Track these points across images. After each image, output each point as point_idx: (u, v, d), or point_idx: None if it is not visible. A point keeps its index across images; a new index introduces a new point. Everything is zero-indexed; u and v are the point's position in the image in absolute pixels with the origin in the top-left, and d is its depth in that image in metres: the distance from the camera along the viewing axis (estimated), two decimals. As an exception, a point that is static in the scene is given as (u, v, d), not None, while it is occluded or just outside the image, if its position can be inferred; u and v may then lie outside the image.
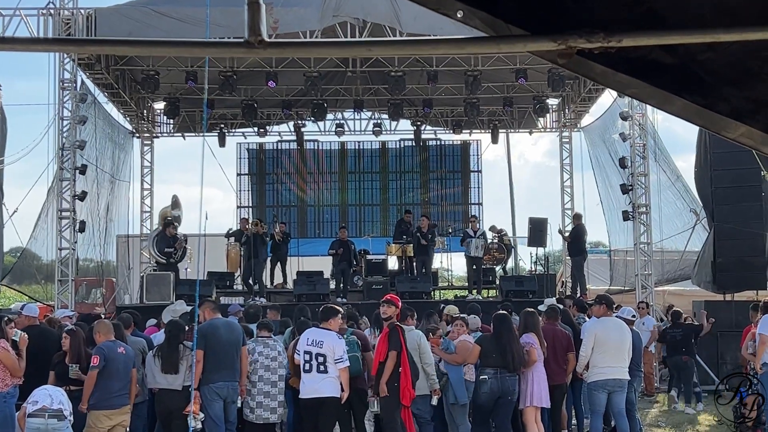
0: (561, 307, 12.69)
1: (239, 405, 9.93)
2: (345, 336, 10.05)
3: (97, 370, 8.75)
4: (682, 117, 1.73)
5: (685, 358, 14.82)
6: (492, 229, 21.71)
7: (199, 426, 9.24)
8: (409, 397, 9.34)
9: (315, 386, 9.33)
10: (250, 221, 20.48)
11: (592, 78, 1.69)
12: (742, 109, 1.69)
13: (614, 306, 11.78)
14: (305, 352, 9.37)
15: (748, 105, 1.69)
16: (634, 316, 12.10)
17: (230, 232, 20.51)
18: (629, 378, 10.69)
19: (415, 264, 19.56)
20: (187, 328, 10.03)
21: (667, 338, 15.05)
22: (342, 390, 9.42)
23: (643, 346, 12.83)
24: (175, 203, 21.30)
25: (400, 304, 9.76)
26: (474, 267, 19.82)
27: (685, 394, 14.74)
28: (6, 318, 9.58)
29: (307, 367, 9.35)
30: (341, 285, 19.11)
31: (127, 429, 9.29)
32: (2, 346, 8.93)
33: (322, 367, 9.30)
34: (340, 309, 10.08)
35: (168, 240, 18.79)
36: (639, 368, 12.02)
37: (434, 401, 10.05)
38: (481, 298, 18.98)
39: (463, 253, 20.22)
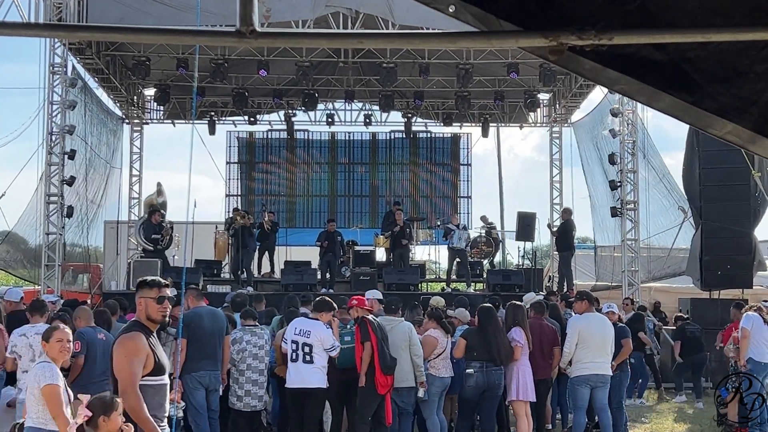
0: (545, 300, 12.69)
1: (221, 393, 9.90)
2: (348, 327, 10.05)
3: (82, 356, 8.71)
4: (669, 114, 1.74)
5: (705, 354, 14.96)
6: (483, 219, 21.71)
7: (180, 414, 9.21)
8: (383, 385, 9.34)
9: (301, 376, 9.31)
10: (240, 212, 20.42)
11: (581, 74, 1.70)
12: (729, 107, 1.70)
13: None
14: (292, 342, 9.35)
15: (736, 103, 1.70)
16: (614, 312, 11.93)
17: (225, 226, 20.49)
18: (611, 373, 10.71)
19: (393, 258, 19.55)
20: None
21: (687, 335, 15.03)
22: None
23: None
24: (160, 191, 21.26)
25: (355, 302, 9.79)
26: (458, 260, 19.79)
27: (695, 390, 14.80)
28: None
29: (293, 356, 9.34)
30: (327, 276, 19.11)
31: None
32: None
33: (308, 357, 9.28)
34: (334, 305, 10.03)
35: (154, 227, 18.73)
36: (626, 362, 12.03)
37: (420, 393, 10.04)
38: (473, 291, 18.98)
39: (446, 245, 20.22)
